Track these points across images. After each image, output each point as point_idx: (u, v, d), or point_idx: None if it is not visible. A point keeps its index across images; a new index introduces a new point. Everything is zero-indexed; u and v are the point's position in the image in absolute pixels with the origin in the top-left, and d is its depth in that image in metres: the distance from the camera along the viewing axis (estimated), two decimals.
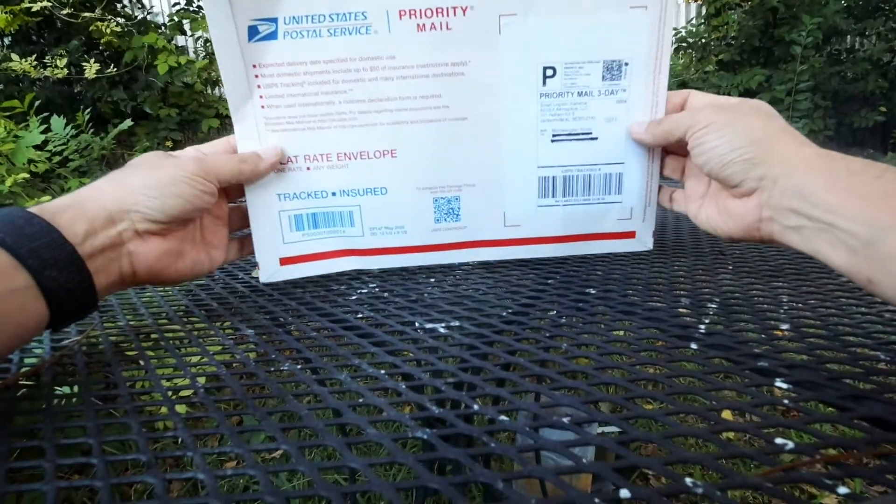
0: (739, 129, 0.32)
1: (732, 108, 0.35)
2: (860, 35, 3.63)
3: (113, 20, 2.52)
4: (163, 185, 0.33)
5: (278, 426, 0.23)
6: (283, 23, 0.38)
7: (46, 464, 0.21)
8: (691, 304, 0.36)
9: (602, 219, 0.44)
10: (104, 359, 0.32)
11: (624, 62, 0.40)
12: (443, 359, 0.29)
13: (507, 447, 0.21)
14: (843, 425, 0.21)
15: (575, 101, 0.41)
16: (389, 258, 0.44)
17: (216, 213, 0.40)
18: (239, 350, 0.32)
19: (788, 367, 0.26)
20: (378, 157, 0.41)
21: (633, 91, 0.41)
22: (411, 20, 0.39)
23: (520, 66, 0.40)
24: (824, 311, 0.34)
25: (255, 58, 0.39)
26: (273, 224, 0.42)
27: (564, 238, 0.44)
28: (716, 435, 0.20)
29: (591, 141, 0.42)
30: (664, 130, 0.38)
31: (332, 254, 0.44)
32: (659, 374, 0.26)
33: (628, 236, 0.44)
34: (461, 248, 0.44)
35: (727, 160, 0.32)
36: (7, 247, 0.26)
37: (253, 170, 0.39)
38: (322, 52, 0.39)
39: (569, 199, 0.43)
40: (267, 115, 0.40)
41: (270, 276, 0.42)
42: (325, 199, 0.42)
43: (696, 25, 3.81)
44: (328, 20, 0.38)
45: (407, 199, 0.42)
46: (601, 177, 0.42)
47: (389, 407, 0.24)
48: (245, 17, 0.38)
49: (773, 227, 0.31)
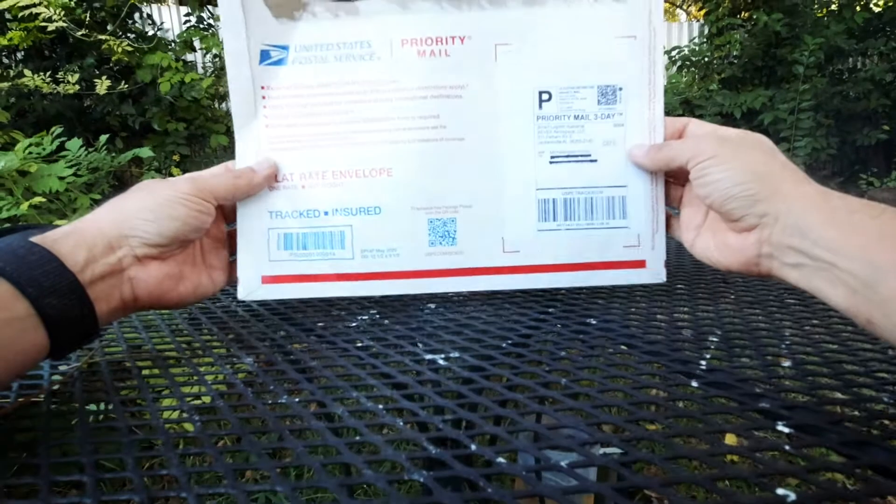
0: (743, 164, 0.32)
1: (735, 141, 0.35)
2: (862, 55, 3.65)
3: (125, 38, 2.56)
4: (158, 208, 0.33)
5: (274, 465, 0.23)
6: (294, 50, 0.41)
7: (39, 503, 0.21)
8: (693, 337, 0.36)
9: (608, 245, 0.42)
10: (103, 387, 0.32)
11: (618, 87, 0.41)
12: (442, 394, 0.29)
13: (514, 465, 0.21)
14: (846, 475, 0.21)
15: (572, 123, 0.41)
16: (380, 284, 0.42)
17: (215, 236, 0.40)
18: (237, 380, 0.32)
19: (789, 409, 0.25)
20: (374, 176, 0.41)
21: (630, 115, 0.41)
22: (413, 47, 0.41)
23: (516, 89, 0.41)
24: (826, 347, 0.33)
25: (264, 80, 0.41)
26: (260, 240, 0.41)
27: (568, 266, 0.42)
28: (715, 483, 0.20)
29: (590, 163, 0.42)
30: (665, 157, 0.38)
31: (319, 277, 0.42)
32: (659, 415, 0.26)
33: (638, 265, 0.42)
34: (457, 276, 0.42)
35: (730, 195, 0.32)
36: (7, 275, 0.26)
37: (248, 184, 0.39)
38: (327, 76, 0.41)
39: (570, 222, 0.42)
40: (269, 134, 0.41)
41: (249, 293, 0.41)
42: (317, 217, 0.42)
43: (698, 44, 3.85)
44: (335, 48, 0.41)
45: (401, 220, 0.41)
46: (603, 200, 0.42)
47: (386, 445, 0.24)
48: (258, 42, 0.40)
49: (772, 263, 0.31)
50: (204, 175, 0.38)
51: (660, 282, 0.42)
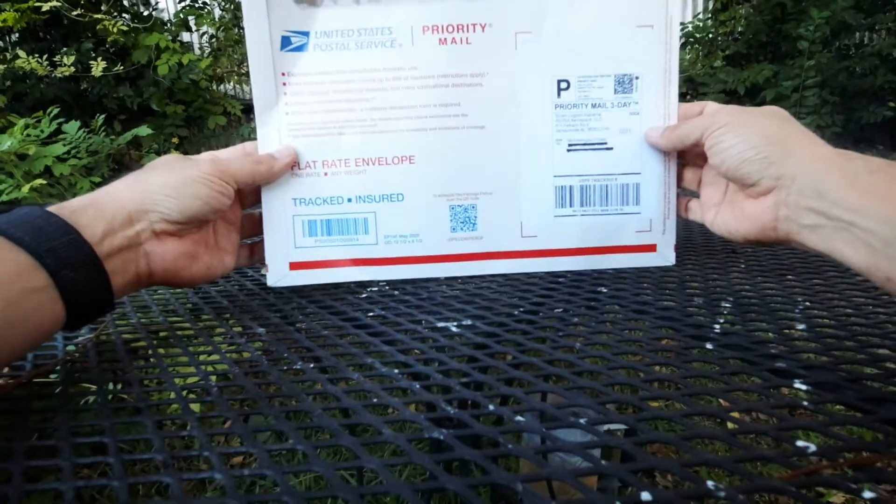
0: (756, 129, 0.32)
1: (749, 111, 0.35)
2: (869, 30, 3.59)
3: (120, 19, 2.52)
4: (181, 186, 0.33)
5: (292, 426, 0.23)
6: (315, 36, 0.40)
7: (63, 462, 0.21)
8: (704, 304, 0.35)
9: (621, 230, 0.43)
10: (117, 357, 0.32)
11: (634, 76, 0.42)
12: (455, 358, 0.29)
13: (524, 449, 0.21)
14: (865, 428, 0.21)
15: (589, 112, 0.42)
16: (403, 268, 0.43)
17: (229, 219, 0.40)
18: (251, 348, 0.32)
19: (806, 368, 0.25)
20: (396, 164, 0.42)
21: (645, 104, 0.42)
22: (434, 35, 0.41)
23: (535, 78, 0.42)
24: (840, 311, 0.33)
25: (285, 66, 0.41)
26: (286, 228, 0.42)
27: (583, 250, 0.43)
28: (735, 437, 0.20)
29: (606, 151, 0.42)
30: (680, 134, 0.38)
31: (343, 262, 0.43)
32: (674, 375, 0.26)
33: (648, 249, 0.43)
34: (477, 260, 0.43)
35: (744, 158, 0.32)
36: (26, 246, 0.26)
37: (268, 170, 0.39)
38: (348, 63, 0.41)
39: (586, 208, 0.43)
40: (290, 121, 0.41)
41: (279, 279, 0.43)
42: (341, 205, 0.42)
43: (703, 20, 3.78)
44: (356, 34, 0.41)
45: (423, 206, 0.42)
46: (618, 187, 0.42)
47: (404, 407, 0.24)
48: (280, 27, 0.40)
49: (789, 226, 0.30)
50: (225, 156, 0.38)
51: (669, 265, 0.43)
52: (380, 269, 0.43)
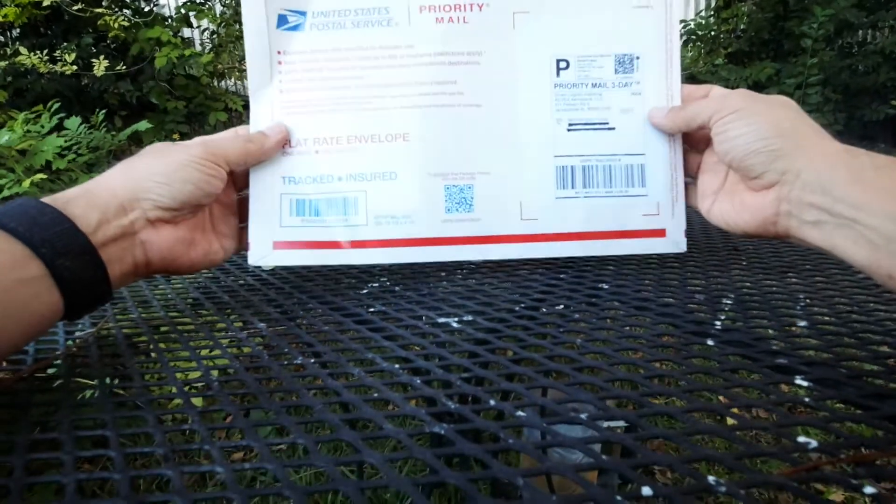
0: (767, 120, 0.31)
1: (761, 98, 0.34)
2: (872, 28, 3.57)
3: (121, 14, 2.52)
4: (171, 171, 0.33)
5: (293, 420, 0.23)
6: (312, 16, 0.41)
7: (65, 456, 0.21)
8: (706, 300, 0.35)
9: (627, 214, 0.41)
10: (118, 351, 0.32)
11: (635, 56, 0.41)
12: (456, 353, 0.29)
13: (524, 444, 0.21)
14: (866, 424, 0.21)
15: (589, 91, 0.41)
16: (394, 251, 0.40)
17: (225, 202, 0.39)
18: (251, 343, 0.32)
19: (807, 365, 0.25)
20: (389, 141, 0.41)
21: (647, 84, 0.41)
22: (431, 14, 0.40)
23: (533, 57, 0.41)
24: (841, 308, 0.33)
25: (281, 45, 0.41)
26: (272, 205, 0.41)
27: (587, 235, 0.41)
28: (735, 433, 0.20)
29: (608, 131, 0.41)
30: (686, 116, 0.37)
31: (331, 244, 0.41)
32: (675, 371, 0.26)
33: (658, 234, 0.41)
34: (473, 244, 0.41)
35: (752, 149, 0.31)
36: (20, 236, 0.26)
37: (259, 148, 0.39)
38: (344, 41, 0.41)
39: (589, 190, 0.41)
40: (284, 99, 0.41)
41: (260, 258, 0.41)
42: (331, 183, 0.41)
43: (705, 18, 3.77)
44: (353, 14, 0.40)
45: (417, 186, 0.40)
46: (622, 168, 0.41)
47: (404, 402, 0.24)
48: (276, 6, 0.40)
49: (790, 221, 0.30)
50: (216, 139, 0.38)
51: (680, 251, 0.41)
52: (368, 252, 0.41)
